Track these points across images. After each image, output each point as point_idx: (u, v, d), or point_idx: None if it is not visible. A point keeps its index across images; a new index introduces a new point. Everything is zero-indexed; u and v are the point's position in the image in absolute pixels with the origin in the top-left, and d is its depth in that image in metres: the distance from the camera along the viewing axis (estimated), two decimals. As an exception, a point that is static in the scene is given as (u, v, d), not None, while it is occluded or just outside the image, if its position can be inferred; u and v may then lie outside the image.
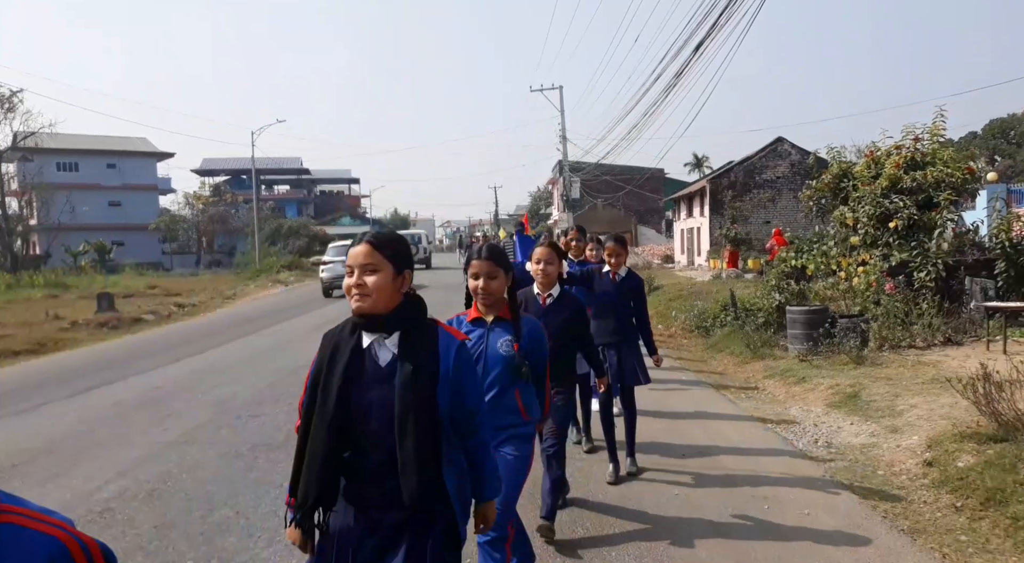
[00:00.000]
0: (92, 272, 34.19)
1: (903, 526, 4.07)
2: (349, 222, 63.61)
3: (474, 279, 3.01)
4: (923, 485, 4.64)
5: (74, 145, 47.33)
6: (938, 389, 6.40)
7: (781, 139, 29.91)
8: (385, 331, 2.04)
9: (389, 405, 1.96)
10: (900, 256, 9.98)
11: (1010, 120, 50.41)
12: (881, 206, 10.49)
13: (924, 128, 11.00)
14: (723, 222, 27.93)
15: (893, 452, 5.30)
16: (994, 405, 4.95)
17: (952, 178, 10.29)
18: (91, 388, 9.10)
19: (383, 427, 1.96)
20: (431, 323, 2.13)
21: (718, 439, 5.94)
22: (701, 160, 58.72)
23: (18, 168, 41.25)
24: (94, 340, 14.26)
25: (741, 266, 22.93)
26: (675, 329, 12.46)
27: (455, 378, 2.05)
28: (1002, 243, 9.70)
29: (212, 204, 52.77)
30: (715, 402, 7.34)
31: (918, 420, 5.78)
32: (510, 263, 3.05)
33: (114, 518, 4.62)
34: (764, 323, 10.40)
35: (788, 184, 28.56)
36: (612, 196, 41.82)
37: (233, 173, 60.66)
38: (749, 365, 9.09)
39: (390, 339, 2.04)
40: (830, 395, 7.02)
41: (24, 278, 28.07)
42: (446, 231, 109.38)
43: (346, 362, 2.02)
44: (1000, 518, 3.93)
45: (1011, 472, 4.26)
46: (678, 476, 5.05)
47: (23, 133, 37.43)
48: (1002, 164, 41.95)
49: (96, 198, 47.75)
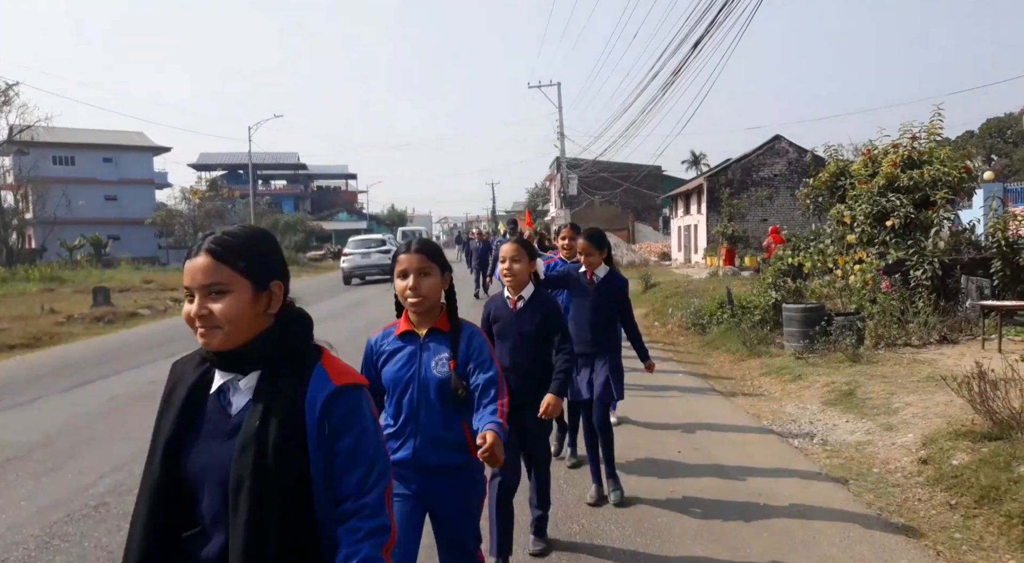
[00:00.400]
0: (88, 266, 34.13)
1: (898, 523, 4.09)
2: (346, 218, 63.54)
3: (401, 278, 2.46)
4: (918, 483, 4.65)
5: (70, 139, 47.14)
6: (933, 387, 6.41)
7: (779, 137, 29.94)
8: (240, 370, 1.50)
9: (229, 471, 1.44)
10: (896, 254, 9.99)
11: (1007, 119, 50.43)
12: (878, 204, 10.51)
13: (921, 127, 11.02)
14: (720, 220, 27.95)
15: (888, 450, 5.31)
16: (989, 403, 4.96)
17: (949, 177, 10.30)
18: (86, 382, 9.08)
19: (219, 501, 1.45)
20: (312, 355, 1.56)
21: (713, 436, 5.95)
22: (699, 157, 58.75)
23: (14, 162, 41.08)
24: (90, 334, 14.23)
25: (738, 264, 22.94)
26: (671, 326, 12.47)
27: (323, 441, 1.48)
28: (998, 242, 9.72)
29: (209, 199, 52.61)
30: (710, 399, 7.35)
31: (913, 418, 5.79)
32: (446, 260, 2.55)
33: (109, 512, 4.62)
34: (760, 321, 10.41)
35: (785, 182, 28.59)
36: (609, 193, 41.78)
37: (230, 168, 60.49)
38: (745, 362, 9.10)
39: (245, 380, 1.50)
40: (826, 393, 7.03)
41: (19, 272, 28.00)
42: (443, 227, 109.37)
43: (180, 407, 1.52)
44: (994, 516, 3.94)
45: (1005, 470, 4.28)
46: (672, 473, 5.06)
47: (19, 127, 37.25)
48: (999, 163, 42.03)
49: (92, 192, 47.63)
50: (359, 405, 1.54)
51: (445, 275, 2.51)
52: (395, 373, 2.50)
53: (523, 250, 3.58)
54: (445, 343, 2.51)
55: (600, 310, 4.54)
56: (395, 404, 2.51)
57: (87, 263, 35.56)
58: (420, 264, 2.43)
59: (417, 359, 2.50)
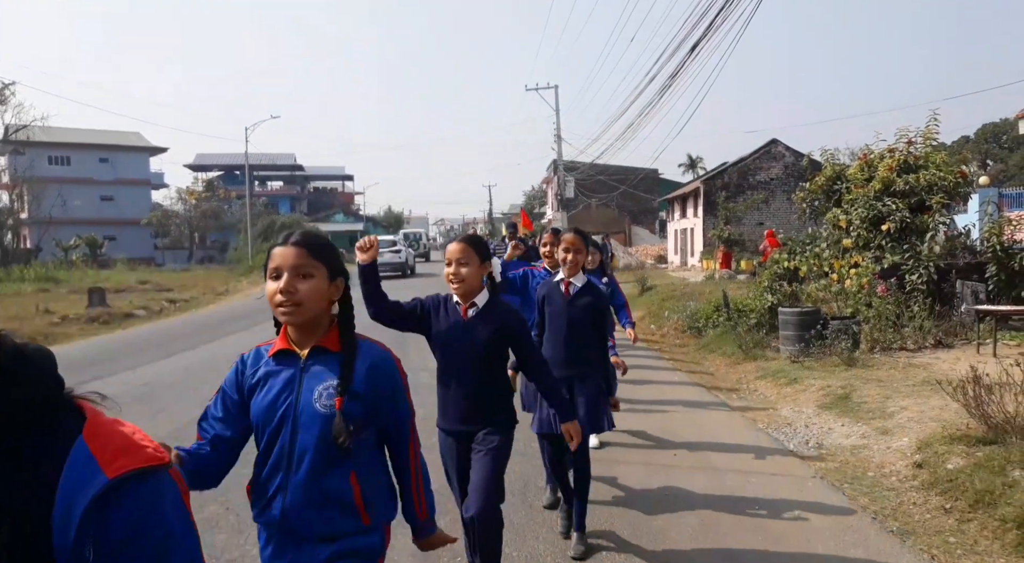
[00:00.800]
0: (83, 267, 34.05)
1: (892, 527, 4.09)
2: (343, 219, 63.47)
3: (274, 279, 1.85)
4: (913, 487, 4.66)
5: (66, 139, 47.07)
6: (928, 391, 6.43)
7: (775, 141, 30.03)
8: None
9: None
10: (892, 259, 10.02)
11: (1002, 124, 50.62)
12: (874, 209, 10.54)
13: (917, 132, 11.06)
14: (716, 223, 28.00)
15: (883, 453, 5.32)
16: (984, 408, 4.97)
17: (944, 182, 10.34)
18: (81, 383, 8.94)
19: None
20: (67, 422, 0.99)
21: (709, 439, 5.95)
22: (695, 161, 58.82)
23: (9, 161, 40.99)
24: (85, 335, 14.19)
25: (734, 267, 22.98)
26: (667, 329, 12.49)
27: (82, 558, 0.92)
28: (993, 247, 9.76)
29: (205, 199, 52.57)
30: (706, 402, 7.36)
31: (908, 422, 5.80)
32: (339, 261, 1.96)
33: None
34: (756, 324, 10.43)
35: (782, 186, 28.67)
36: (606, 196, 41.83)
37: (226, 168, 60.40)
38: (741, 366, 9.12)
39: None
40: (821, 396, 7.04)
41: (14, 272, 27.91)
42: (440, 229, 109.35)
43: None
44: (989, 520, 3.95)
45: (1000, 474, 4.29)
46: (668, 476, 5.06)
47: (14, 126, 37.18)
48: (994, 168, 42.17)
49: (88, 192, 47.56)
50: (154, 505, 0.97)
51: (336, 281, 1.91)
52: (265, 406, 1.88)
53: (472, 250, 2.96)
54: (334, 368, 1.87)
55: (577, 325, 3.89)
56: (264, 446, 1.91)
57: (82, 263, 35.48)
58: (297, 261, 1.83)
59: (295, 388, 1.87)
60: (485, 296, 3.03)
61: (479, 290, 3.01)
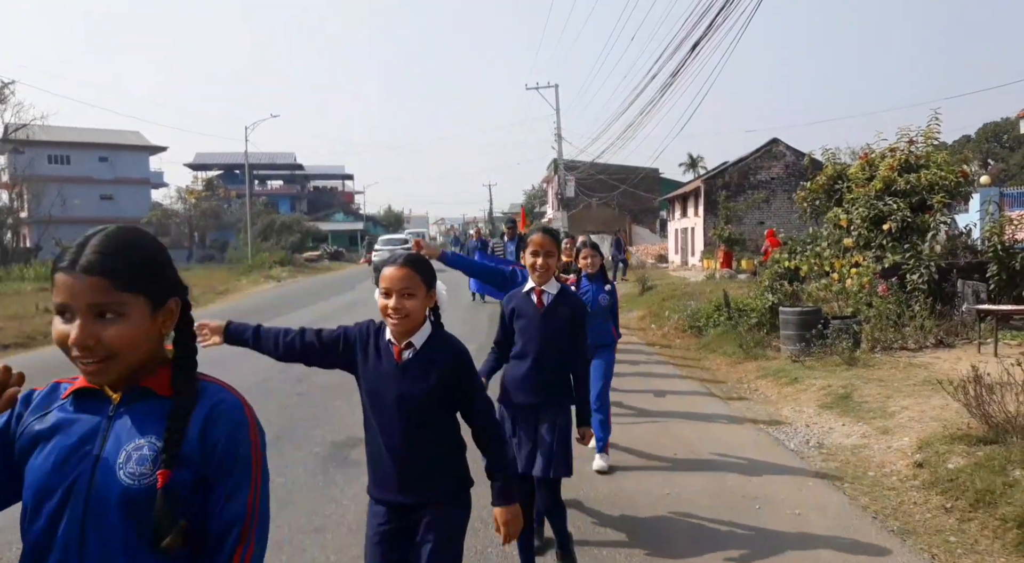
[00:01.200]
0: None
1: (893, 527, 4.09)
2: (342, 218, 63.51)
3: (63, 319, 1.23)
4: (913, 486, 4.66)
5: (66, 138, 47.10)
6: (929, 391, 6.42)
7: (776, 140, 30.00)
8: None
9: None
10: (893, 258, 10.02)
11: (1003, 124, 50.59)
12: (875, 208, 10.53)
13: (918, 131, 11.05)
14: (717, 222, 27.99)
15: (884, 453, 5.32)
16: (984, 407, 4.97)
17: (945, 181, 10.33)
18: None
19: None
20: None
21: (709, 439, 5.95)
22: (696, 160, 58.80)
23: (9, 160, 41.01)
24: (85, 334, 14.16)
25: (735, 266, 22.98)
26: (668, 329, 12.48)
27: None
28: (994, 246, 9.75)
29: (205, 199, 52.58)
30: (707, 402, 7.35)
31: (909, 422, 5.80)
32: (163, 276, 1.33)
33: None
34: (757, 324, 10.42)
35: (783, 185, 28.64)
36: (607, 195, 41.80)
37: (226, 168, 60.43)
38: (742, 365, 9.11)
39: None
40: (822, 396, 7.04)
41: (14, 271, 27.93)
42: (440, 228, 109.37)
43: None
44: (989, 519, 3.95)
45: (1000, 474, 4.28)
46: (669, 476, 5.06)
47: (14, 125, 37.18)
48: (995, 168, 42.13)
49: (88, 191, 47.57)
50: None
51: (166, 306, 1.32)
52: (46, 471, 1.25)
53: (419, 277, 2.25)
54: (158, 421, 1.27)
55: (552, 341, 3.31)
56: (35, 537, 1.25)
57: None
58: (96, 297, 1.21)
59: (95, 446, 1.25)
60: (426, 331, 2.31)
61: (420, 325, 2.30)
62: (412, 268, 2.26)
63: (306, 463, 5.38)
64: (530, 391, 3.31)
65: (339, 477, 5.02)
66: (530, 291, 3.39)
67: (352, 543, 3.88)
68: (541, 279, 3.35)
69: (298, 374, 8.41)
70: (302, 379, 8.21)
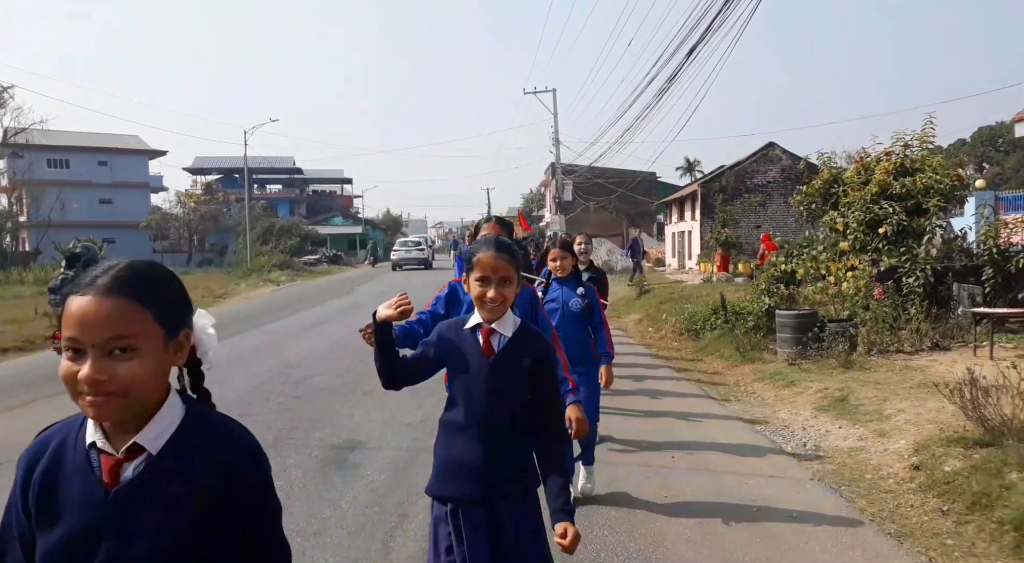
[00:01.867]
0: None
1: (890, 529, 4.11)
2: (341, 222, 63.54)
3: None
4: (910, 489, 4.68)
5: (65, 142, 47.07)
6: (925, 394, 6.45)
7: (772, 144, 30.07)
8: None
9: None
10: (889, 261, 10.05)
11: (998, 128, 50.75)
12: (871, 212, 10.57)
13: (914, 135, 11.11)
14: (714, 226, 28.03)
15: (881, 456, 5.34)
16: (981, 410, 4.99)
17: (941, 185, 10.38)
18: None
19: None
20: None
21: (706, 442, 5.97)
22: (693, 164, 58.96)
23: (8, 164, 41.02)
24: (83, 338, 14.15)
25: (732, 270, 23.01)
26: (665, 332, 12.52)
27: None
28: (989, 249, 9.78)
29: (204, 202, 52.55)
30: (704, 405, 7.37)
31: (905, 424, 5.82)
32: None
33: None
34: (754, 327, 10.45)
35: (779, 189, 28.70)
36: (604, 199, 41.85)
37: (225, 172, 60.44)
38: (738, 368, 9.14)
39: None
40: (818, 399, 7.06)
41: (13, 275, 27.91)
42: (438, 232, 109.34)
43: None
44: (986, 522, 3.97)
45: (997, 476, 4.31)
46: (666, 477, 5.07)
47: (13, 129, 37.25)
48: (990, 171, 42.28)
49: (87, 195, 47.52)
50: None
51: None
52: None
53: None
54: None
55: (503, 401, 2.20)
56: None
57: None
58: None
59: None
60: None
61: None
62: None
63: (305, 466, 5.39)
64: (467, 474, 2.20)
65: (338, 480, 5.03)
66: (476, 328, 2.25)
67: (351, 546, 3.89)
68: (492, 315, 2.22)
69: (297, 377, 8.42)
70: (301, 382, 8.22)
